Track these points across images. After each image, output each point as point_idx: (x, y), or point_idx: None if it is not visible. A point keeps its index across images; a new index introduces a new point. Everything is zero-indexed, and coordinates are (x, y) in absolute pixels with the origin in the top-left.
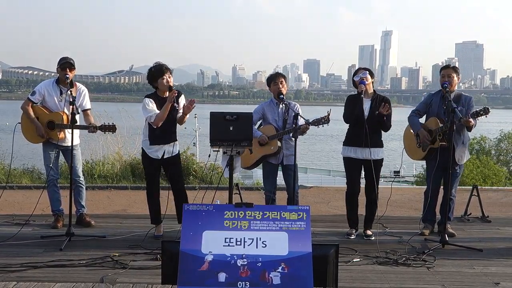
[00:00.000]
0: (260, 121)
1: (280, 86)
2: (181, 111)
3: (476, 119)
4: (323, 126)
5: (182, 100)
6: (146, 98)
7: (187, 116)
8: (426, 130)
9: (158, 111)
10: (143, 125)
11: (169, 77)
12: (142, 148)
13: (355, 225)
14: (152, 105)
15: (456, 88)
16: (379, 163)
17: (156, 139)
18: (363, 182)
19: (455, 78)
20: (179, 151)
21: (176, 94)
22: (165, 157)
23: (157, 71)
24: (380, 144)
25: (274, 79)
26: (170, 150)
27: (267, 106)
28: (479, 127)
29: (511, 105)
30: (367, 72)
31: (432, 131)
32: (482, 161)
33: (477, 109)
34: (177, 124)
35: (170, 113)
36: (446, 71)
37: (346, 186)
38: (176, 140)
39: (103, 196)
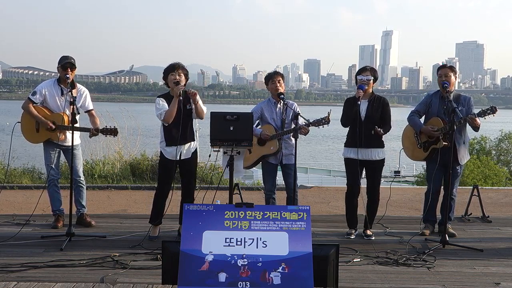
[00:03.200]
0: (258, 120)
1: (278, 84)
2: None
3: (484, 118)
4: (323, 126)
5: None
6: (158, 98)
7: (199, 103)
8: None
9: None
10: (159, 127)
11: (179, 74)
12: (160, 150)
13: (355, 225)
14: (163, 103)
15: (455, 87)
16: (379, 163)
17: (172, 140)
18: (363, 183)
19: (453, 78)
20: (196, 151)
21: (183, 87)
22: (182, 158)
23: (168, 68)
24: (380, 145)
25: (272, 77)
26: (187, 150)
27: (265, 105)
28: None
29: (511, 105)
30: (372, 77)
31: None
32: (482, 161)
33: (484, 108)
34: (193, 125)
35: (183, 113)
36: (444, 70)
37: (346, 186)
38: (194, 140)
39: (103, 196)
